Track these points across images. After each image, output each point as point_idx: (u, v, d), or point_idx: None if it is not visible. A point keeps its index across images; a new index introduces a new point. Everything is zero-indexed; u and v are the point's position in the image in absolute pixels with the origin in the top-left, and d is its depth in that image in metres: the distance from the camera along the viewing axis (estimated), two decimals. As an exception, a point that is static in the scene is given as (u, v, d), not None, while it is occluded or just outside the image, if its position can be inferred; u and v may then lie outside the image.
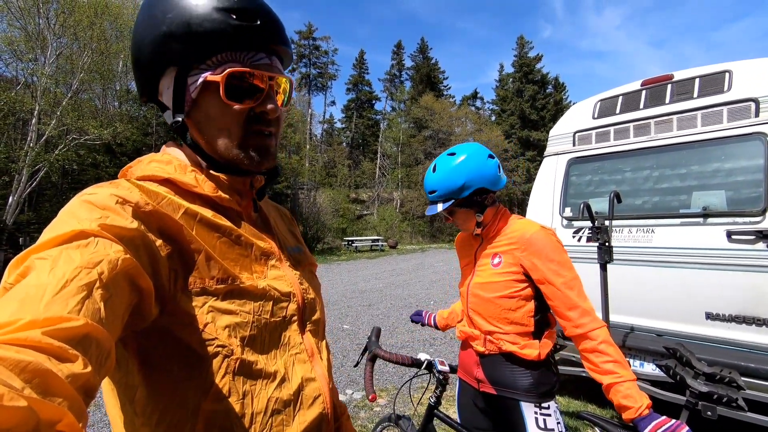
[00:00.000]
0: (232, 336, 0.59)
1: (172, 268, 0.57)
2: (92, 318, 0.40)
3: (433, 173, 1.50)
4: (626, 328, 3.11)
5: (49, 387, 0.32)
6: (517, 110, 42.36)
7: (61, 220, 0.50)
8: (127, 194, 0.56)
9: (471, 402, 1.61)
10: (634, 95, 3.42)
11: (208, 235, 0.63)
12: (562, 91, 45.50)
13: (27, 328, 0.35)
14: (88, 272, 0.43)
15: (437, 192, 1.48)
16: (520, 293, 1.42)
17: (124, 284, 0.47)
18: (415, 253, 20.69)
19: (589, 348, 1.28)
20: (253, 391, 0.60)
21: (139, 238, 0.53)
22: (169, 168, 0.65)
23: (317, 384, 0.69)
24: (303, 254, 0.84)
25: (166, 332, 0.56)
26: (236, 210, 0.69)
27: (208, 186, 0.66)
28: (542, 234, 1.42)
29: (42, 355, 0.34)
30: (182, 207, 0.62)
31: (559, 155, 3.81)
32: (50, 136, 14.10)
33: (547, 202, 3.75)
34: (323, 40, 46.32)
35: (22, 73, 14.97)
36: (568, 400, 3.65)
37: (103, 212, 0.51)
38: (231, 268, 0.63)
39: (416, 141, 36.40)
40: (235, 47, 0.63)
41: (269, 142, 0.68)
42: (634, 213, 3.27)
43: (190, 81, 0.63)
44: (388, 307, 7.87)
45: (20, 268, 0.44)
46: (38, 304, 0.38)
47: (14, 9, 13.98)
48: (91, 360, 0.38)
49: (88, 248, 0.46)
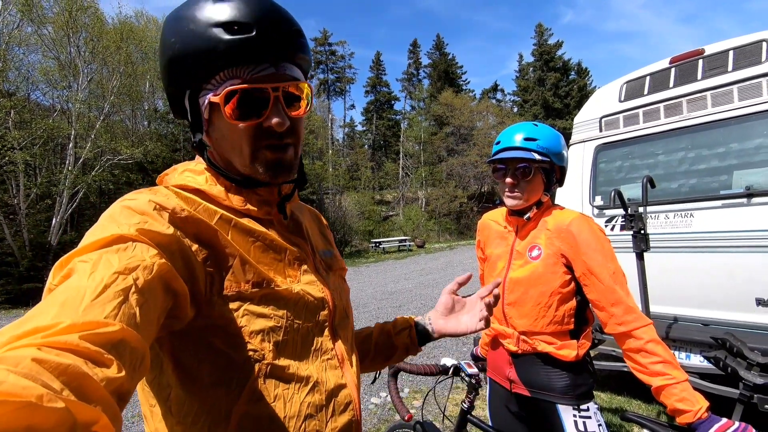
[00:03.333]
0: (264, 340, 0.60)
1: (208, 272, 0.58)
2: (127, 323, 0.42)
3: (533, 126, 1.41)
4: (669, 319, 2.96)
5: (85, 390, 0.33)
6: (540, 100, 41.40)
7: (102, 224, 0.53)
8: (165, 200, 0.58)
9: (503, 405, 1.54)
10: (663, 74, 3.26)
11: (243, 240, 0.64)
12: (585, 76, 44.16)
13: (66, 332, 0.37)
14: (124, 278, 0.45)
15: (539, 141, 1.36)
16: (563, 289, 1.33)
17: (159, 289, 0.49)
18: (444, 252, 20.51)
19: (635, 348, 1.20)
20: (285, 395, 0.61)
21: (175, 243, 0.55)
22: (200, 179, 0.66)
23: (348, 390, 0.69)
24: (334, 258, 0.83)
25: (200, 335, 0.57)
26: (267, 219, 0.70)
27: (236, 200, 0.66)
28: (582, 221, 1.34)
29: (80, 359, 0.35)
30: (218, 213, 0.63)
31: (585, 142, 3.68)
32: (86, 159, 14.81)
33: (576, 192, 3.62)
34: (339, 45, 46.78)
35: (58, 100, 15.82)
36: (610, 397, 3.51)
37: (142, 217, 0.54)
38: (266, 272, 0.64)
39: (438, 138, 36.12)
40: (233, 63, 0.60)
41: (281, 155, 0.65)
42: (671, 198, 3.11)
43: (201, 102, 0.64)
44: (419, 308, 7.82)
45: (63, 270, 0.47)
46: (78, 308, 0.40)
47: (47, 40, 14.77)
48: (125, 364, 0.39)
49: (126, 252, 0.48)
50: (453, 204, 31.03)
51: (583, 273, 1.29)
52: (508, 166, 1.40)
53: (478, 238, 1.66)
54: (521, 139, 1.39)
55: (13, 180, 13.39)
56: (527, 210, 1.42)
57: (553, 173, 1.42)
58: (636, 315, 1.22)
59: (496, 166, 1.44)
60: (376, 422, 3.43)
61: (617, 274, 1.26)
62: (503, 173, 1.41)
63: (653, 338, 1.18)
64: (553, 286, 1.33)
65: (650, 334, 1.18)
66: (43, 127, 13.36)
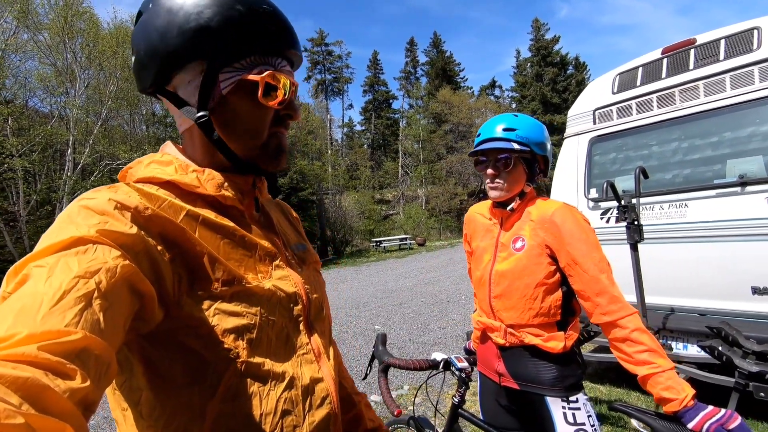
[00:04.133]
0: (238, 338, 0.59)
1: (175, 272, 0.56)
2: (91, 330, 0.40)
3: (513, 116, 1.40)
4: (666, 310, 2.96)
5: (46, 403, 0.32)
6: (538, 95, 41.33)
7: (59, 226, 0.49)
8: (126, 199, 0.55)
9: (493, 399, 1.53)
10: (655, 65, 3.25)
11: (211, 237, 0.62)
12: (583, 70, 44.07)
13: (24, 343, 0.35)
14: (85, 282, 0.43)
15: (518, 131, 1.36)
16: (548, 280, 1.33)
17: (123, 292, 0.47)
18: (444, 249, 20.51)
19: (620, 337, 1.19)
20: (261, 392, 0.60)
21: (139, 244, 0.52)
22: (169, 169, 0.63)
23: (325, 384, 0.68)
24: (307, 252, 0.82)
25: (170, 336, 0.56)
26: (238, 209, 0.68)
27: (210, 185, 0.64)
28: (565, 211, 1.33)
29: (39, 371, 0.33)
30: (183, 209, 0.60)
31: (579, 135, 3.67)
32: (85, 164, 14.83)
33: (571, 185, 3.62)
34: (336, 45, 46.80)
35: (56, 106, 15.81)
36: (609, 389, 3.50)
37: (102, 218, 0.51)
38: (236, 269, 0.62)
39: (437, 136, 36.10)
40: (267, 52, 0.65)
41: (285, 142, 0.71)
42: (665, 188, 3.10)
43: (222, 78, 0.63)
44: (420, 305, 7.82)
45: (18, 277, 0.44)
46: (35, 316, 0.37)
47: (43, 47, 14.79)
48: (90, 373, 0.37)
49: (86, 255, 0.45)
50: (453, 201, 31.04)
51: (567, 263, 1.29)
52: (489, 157, 1.40)
53: (465, 232, 1.65)
54: (500, 129, 1.38)
55: (13, 187, 13.42)
56: (510, 201, 1.42)
57: (535, 163, 1.41)
58: (621, 304, 1.21)
59: (478, 159, 1.43)
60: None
61: (602, 263, 1.25)
62: (485, 165, 1.41)
63: (638, 327, 1.17)
64: (538, 277, 1.33)
65: (635, 323, 1.18)
66: (41, 133, 13.37)
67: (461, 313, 6.88)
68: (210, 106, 0.64)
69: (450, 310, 7.15)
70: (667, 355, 1.16)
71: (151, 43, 0.63)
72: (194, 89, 0.64)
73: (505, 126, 1.38)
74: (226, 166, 0.68)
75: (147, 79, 0.65)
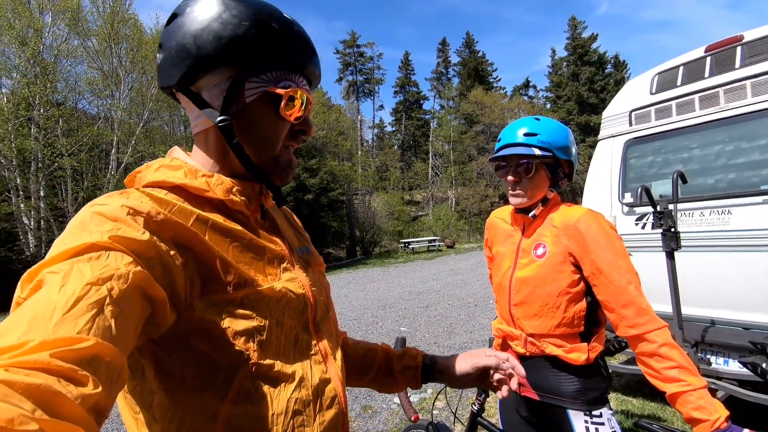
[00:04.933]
0: (249, 340, 0.59)
1: (187, 276, 0.57)
2: (102, 336, 0.40)
3: (534, 120, 1.35)
4: (705, 322, 2.80)
5: (59, 409, 0.32)
6: (574, 95, 40.14)
7: (72, 232, 0.50)
8: (138, 204, 0.56)
9: (513, 408, 1.49)
10: (698, 63, 3.09)
11: (221, 241, 0.63)
12: (623, 69, 42.45)
13: (37, 350, 0.35)
14: (97, 289, 0.43)
15: (540, 136, 1.31)
16: (572, 289, 1.27)
17: (135, 298, 0.47)
18: (474, 252, 20.21)
19: (648, 351, 1.13)
20: (272, 393, 0.60)
21: (152, 249, 0.53)
22: (178, 173, 0.64)
23: (333, 385, 0.69)
24: (311, 255, 0.83)
25: (182, 339, 0.56)
26: (245, 214, 0.70)
27: (219, 189, 0.65)
28: (590, 218, 1.28)
29: (52, 378, 0.34)
30: (193, 213, 0.61)
31: (614, 137, 3.53)
32: (128, 163, 15.57)
33: (605, 189, 3.49)
34: (367, 47, 47.04)
35: (102, 108, 16.69)
36: (642, 402, 3.35)
37: (114, 224, 0.51)
38: (246, 272, 0.63)
39: (468, 137, 35.67)
40: (292, 68, 0.68)
41: (293, 156, 0.73)
42: (706, 194, 2.94)
43: (248, 86, 0.65)
44: (446, 308, 7.74)
45: (32, 283, 0.45)
46: (48, 324, 0.38)
47: (92, 52, 15.66)
48: (102, 380, 0.38)
49: (99, 261, 0.46)
50: (484, 203, 30.56)
51: (591, 272, 1.24)
52: (509, 163, 1.36)
53: (486, 237, 1.62)
54: (522, 134, 1.34)
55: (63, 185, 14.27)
56: (532, 207, 1.38)
57: (558, 168, 1.36)
58: (649, 317, 1.15)
59: (499, 164, 1.40)
60: (398, 422, 3.43)
61: (629, 272, 1.19)
62: (506, 171, 1.37)
63: (667, 342, 1.11)
64: (560, 285, 1.28)
65: (664, 338, 1.11)
66: (88, 134, 14.19)
67: (489, 317, 6.76)
68: (232, 112, 0.65)
69: (477, 315, 7.04)
70: (699, 373, 1.09)
71: (184, 44, 0.64)
72: (219, 93, 0.65)
73: (526, 131, 1.34)
74: (235, 172, 0.70)
75: (173, 77, 0.66)
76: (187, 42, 0.64)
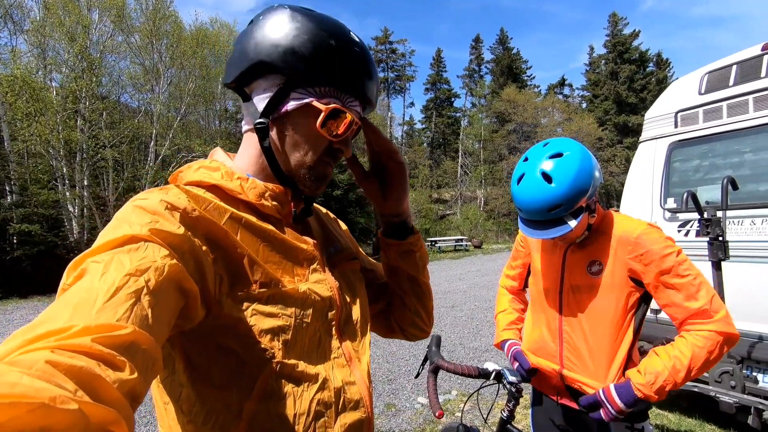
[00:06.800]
0: (274, 339, 0.61)
1: (217, 272, 0.59)
2: (140, 325, 0.43)
3: (548, 184, 1.18)
4: (753, 337, 2.63)
5: (98, 391, 0.34)
6: (612, 94, 38.75)
7: (115, 224, 0.53)
8: (176, 200, 0.58)
9: (547, 416, 1.44)
10: (753, 62, 2.90)
11: (252, 240, 0.64)
12: (666, 68, 40.71)
13: (80, 335, 0.37)
14: (136, 279, 0.46)
15: (563, 206, 1.18)
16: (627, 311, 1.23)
17: (170, 290, 0.50)
18: (502, 253, 19.89)
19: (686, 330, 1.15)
20: (295, 393, 0.61)
21: (186, 244, 0.55)
22: (216, 174, 0.67)
23: (357, 387, 0.69)
24: (342, 253, 0.82)
25: (210, 335, 0.58)
26: (276, 217, 0.71)
27: (252, 193, 0.68)
28: (651, 231, 1.22)
29: (93, 361, 0.36)
30: (227, 212, 0.63)
31: (657, 139, 3.37)
32: (165, 155, 16.14)
33: (645, 193, 3.34)
34: (400, 43, 46.82)
35: (142, 102, 17.37)
36: (679, 418, 3.20)
37: (153, 217, 0.54)
38: (273, 272, 0.64)
39: (499, 136, 35.08)
40: (343, 88, 0.68)
41: (329, 171, 0.73)
42: (758, 201, 2.76)
43: (294, 96, 0.66)
44: (472, 309, 7.65)
45: (77, 271, 0.48)
46: (90, 310, 0.41)
47: (134, 48, 16.30)
48: (138, 366, 0.40)
49: (138, 253, 0.49)
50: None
51: (656, 285, 1.19)
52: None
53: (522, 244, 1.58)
54: (545, 211, 1.21)
55: (105, 175, 14.95)
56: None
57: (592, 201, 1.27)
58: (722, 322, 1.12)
59: None
60: (421, 422, 3.41)
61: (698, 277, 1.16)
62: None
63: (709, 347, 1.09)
64: (617, 304, 1.24)
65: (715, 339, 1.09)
66: (129, 127, 14.79)
67: (516, 320, 6.63)
68: (272, 117, 0.67)
69: (504, 317, 6.91)
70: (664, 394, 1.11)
71: (246, 48, 0.67)
72: (266, 97, 0.67)
73: (548, 204, 1.20)
74: (270, 176, 0.71)
75: (232, 75, 0.70)
76: (248, 46, 0.67)
